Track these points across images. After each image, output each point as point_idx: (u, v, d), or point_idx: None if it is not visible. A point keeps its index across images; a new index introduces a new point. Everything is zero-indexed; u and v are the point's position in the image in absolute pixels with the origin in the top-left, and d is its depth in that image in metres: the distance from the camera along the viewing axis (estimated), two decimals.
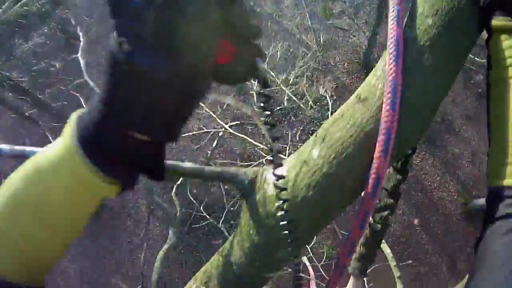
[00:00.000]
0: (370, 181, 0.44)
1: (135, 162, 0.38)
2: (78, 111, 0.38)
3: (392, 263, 3.31)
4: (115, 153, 0.36)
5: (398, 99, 0.43)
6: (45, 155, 0.38)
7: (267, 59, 5.91)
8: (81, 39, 3.74)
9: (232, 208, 4.93)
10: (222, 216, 4.35)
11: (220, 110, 6.15)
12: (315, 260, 3.72)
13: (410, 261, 5.39)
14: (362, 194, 0.47)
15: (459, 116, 6.69)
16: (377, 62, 0.50)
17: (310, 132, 6.41)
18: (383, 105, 0.43)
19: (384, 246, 3.37)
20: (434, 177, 6.45)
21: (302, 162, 0.51)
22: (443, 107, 6.69)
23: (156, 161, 0.40)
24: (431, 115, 0.49)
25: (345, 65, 6.93)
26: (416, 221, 3.71)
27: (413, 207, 6.37)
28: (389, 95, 0.43)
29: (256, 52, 0.38)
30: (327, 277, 0.54)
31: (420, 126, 0.48)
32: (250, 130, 6.25)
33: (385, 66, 0.45)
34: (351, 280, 0.62)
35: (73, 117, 0.37)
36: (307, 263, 2.45)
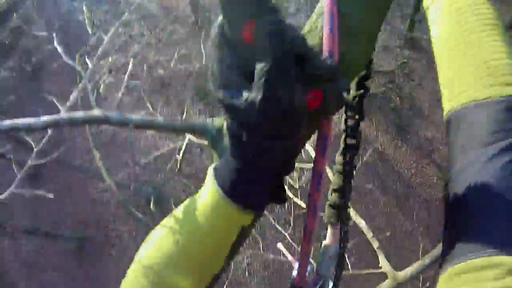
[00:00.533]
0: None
1: (265, 194, 0.49)
2: (213, 165, 0.49)
3: (369, 235, 3.26)
4: (250, 190, 0.46)
5: (335, 25, 0.48)
6: (193, 201, 0.50)
7: None
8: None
9: None
10: None
11: None
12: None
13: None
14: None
15: (426, 100, 6.70)
16: None
17: None
18: (324, 32, 0.48)
19: (358, 220, 3.34)
20: (410, 164, 6.45)
21: None
22: (409, 92, 6.69)
23: (280, 188, 0.50)
24: (370, 39, 0.53)
25: None
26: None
27: (393, 198, 6.35)
28: (327, 22, 0.48)
29: (339, 86, 0.44)
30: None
31: (361, 49, 0.53)
32: None
33: (322, 4, 0.51)
34: (328, 229, 0.63)
35: (210, 170, 0.48)
36: (283, 249, 2.47)
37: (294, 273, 0.61)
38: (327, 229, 0.63)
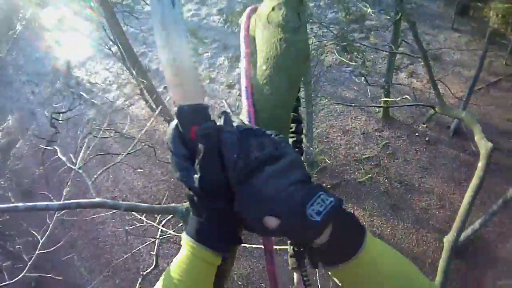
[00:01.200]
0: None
1: (222, 237, 0.62)
2: (185, 232, 0.63)
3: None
4: (210, 235, 0.61)
5: (253, 119, 0.69)
6: (175, 258, 0.63)
7: None
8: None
9: None
10: None
11: None
12: None
13: None
14: None
15: (414, 172, 6.83)
16: None
17: None
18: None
19: None
20: (410, 237, 6.50)
21: None
22: (396, 171, 6.83)
23: (236, 236, 0.65)
24: (282, 127, 0.73)
25: None
26: None
27: None
28: (247, 119, 0.68)
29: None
30: None
31: (273, 124, 0.71)
32: None
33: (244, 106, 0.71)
34: (295, 274, 0.74)
35: (183, 235, 0.63)
36: None
37: None
38: (293, 275, 0.75)
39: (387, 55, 6.62)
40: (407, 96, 5.62)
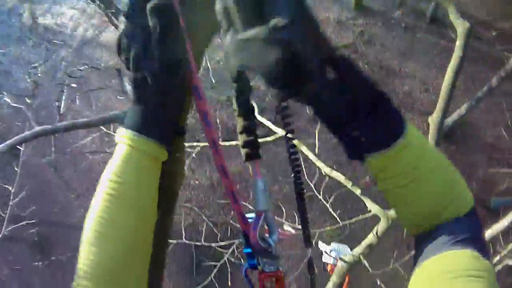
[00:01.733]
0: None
1: (165, 127, 0.59)
2: (121, 127, 0.59)
3: (348, 184, 3.22)
4: (152, 124, 0.57)
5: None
6: (114, 161, 0.57)
7: None
8: None
9: None
10: None
11: None
12: None
13: None
14: None
15: (393, 57, 6.84)
16: None
17: None
18: None
19: (335, 173, 3.33)
20: None
21: None
22: (375, 56, 6.82)
23: (179, 126, 0.63)
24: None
25: None
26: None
27: None
28: None
29: None
30: None
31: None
32: None
33: None
34: (249, 167, 0.67)
35: (119, 130, 0.58)
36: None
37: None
38: (249, 167, 0.67)
39: None
40: None
